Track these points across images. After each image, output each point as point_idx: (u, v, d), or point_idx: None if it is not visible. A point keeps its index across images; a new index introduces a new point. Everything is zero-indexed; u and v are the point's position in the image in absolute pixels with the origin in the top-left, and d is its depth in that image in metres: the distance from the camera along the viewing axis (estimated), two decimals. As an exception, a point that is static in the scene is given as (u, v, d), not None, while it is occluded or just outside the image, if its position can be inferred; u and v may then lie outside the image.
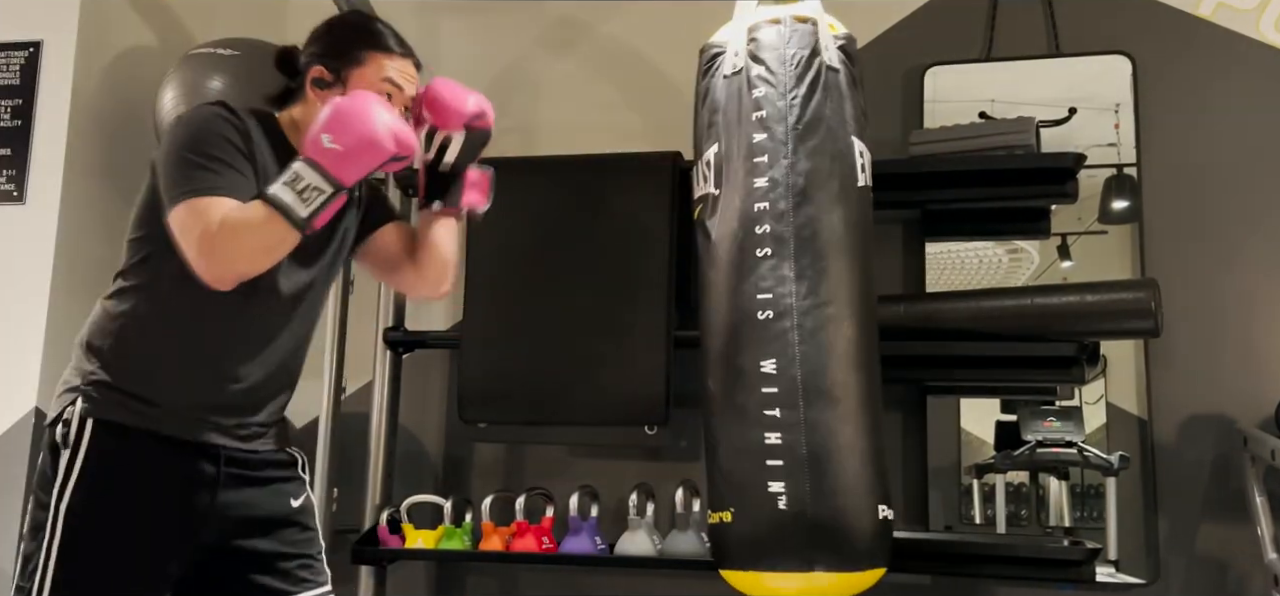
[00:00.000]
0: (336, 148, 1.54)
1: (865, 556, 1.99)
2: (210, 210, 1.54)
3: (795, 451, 1.96)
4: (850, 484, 1.97)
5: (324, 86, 1.72)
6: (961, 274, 2.74)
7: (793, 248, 2.03)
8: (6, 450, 2.56)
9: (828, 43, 2.13)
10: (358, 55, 1.72)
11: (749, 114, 2.10)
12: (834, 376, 2.00)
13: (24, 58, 2.76)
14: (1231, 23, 2.69)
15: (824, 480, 1.96)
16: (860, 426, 2.01)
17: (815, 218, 2.05)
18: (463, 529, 2.66)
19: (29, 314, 2.62)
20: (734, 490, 2.04)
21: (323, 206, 1.54)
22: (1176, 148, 2.66)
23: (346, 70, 1.71)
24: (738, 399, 2.04)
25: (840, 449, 1.98)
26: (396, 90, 1.73)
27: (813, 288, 2.02)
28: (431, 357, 2.96)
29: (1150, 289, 2.31)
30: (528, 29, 3.12)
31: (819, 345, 2.00)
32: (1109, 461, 2.51)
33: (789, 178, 2.05)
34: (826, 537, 1.95)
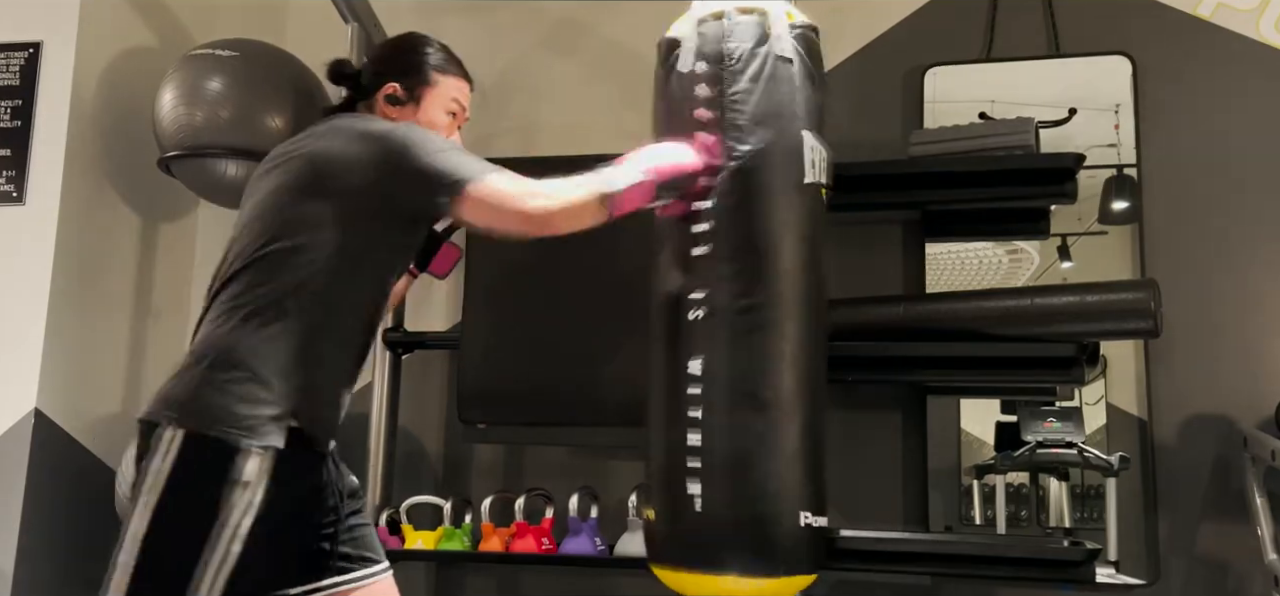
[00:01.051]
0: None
1: (783, 562, 1.94)
2: (507, 178, 1.67)
3: (713, 454, 1.93)
4: (771, 489, 1.93)
5: (398, 103, 1.83)
6: (961, 274, 2.74)
7: (729, 246, 1.98)
8: (6, 450, 2.56)
9: (780, 33, 2.06)
10: (430, 75, 1.85)
11: (695, 108, 2.05)
12: (765, 379, 1.95)
13: (24, 58, 2.76)
14: (1231, 23, 2.69)
15: (742, 484, 1.92)
16: (790, 431, 1.96)
17: (754, 216, 1.99)
18: (462, 529, 2.66)
19: (29, 314, 2.62)
20: (657, 489, 2.03)
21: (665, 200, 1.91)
22: (1176, 148, 2.66)
23: (420, 89, 1.84)
24: (666, 398, 2.02)
25: (764, 453, 1.93)
26: (460, 110, 1.89)
27: (747, 288, 1.97)
28: (431, 358, 2.96)
29: (1150, 289, 2.31)
30: (528, 29, 3.12)
31: (751, 347, 1.95)
32: (1109, 462, 2.51)
33: (729, 175, 1.99)
34: (742, 542, 1.92)
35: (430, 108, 1.84)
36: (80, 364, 2.71)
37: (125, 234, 2.90)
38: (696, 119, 2.03)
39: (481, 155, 1.84)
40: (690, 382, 1.97)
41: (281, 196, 1.63)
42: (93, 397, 2.76)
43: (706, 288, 1.98)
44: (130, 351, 2.90)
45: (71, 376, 2.68)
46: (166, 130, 2.66)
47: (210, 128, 2.61)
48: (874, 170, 2.63)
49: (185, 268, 3.12)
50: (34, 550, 2.54)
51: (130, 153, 2.87)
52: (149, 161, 2.78)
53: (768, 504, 1.93)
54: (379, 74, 1.84)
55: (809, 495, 1.97)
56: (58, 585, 2.61)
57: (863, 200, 2.66)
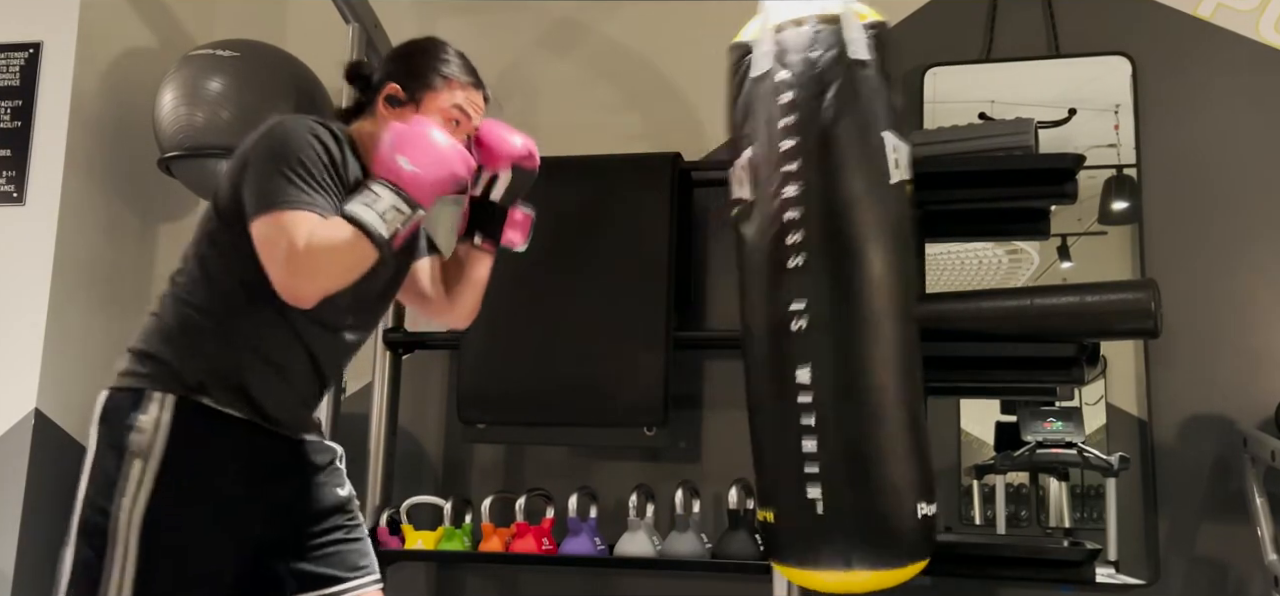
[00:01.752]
0: (414, 170, 1.58)
1: (904, 552, 2.05)
2: (297, 225, 1.53)
3: (832, 455, 2.01)
4: (887, 484, 2.02)
5: (396, 105, 1.75)
6: (961, 275, 2.74)
7: (825, 255, 2.04)
8: (6, 450, 2.56)
9: (855, 36, 2.11)
10: (432, 79, 1.76)
11: (778, 119, 2.09)
12: (869, 380, 2.02)
13: (24, 59, 2.76)
14: (1231, 23, 2.70)
15: (860, 482, 2.01)
16: (897, 426, 2.04)
17: (847, 223, 2.05)
18: (462, 530, 2.66)
19: (29, 314, 2.62)
20: (776, 492, 2.12)
21: (403, 227, 1.58)
22: (1176, 148, 2.66)
23: (421, 93, 1.75)
24: (776, 404, 2.08)
25: (877, 451, 2.02)
26: (465, 118, 1.78)
27: (846, 294, 2.03)
28: (431, 359, 2.96)
29: (1150, 289, 2.31)
30: (528, 30, 3.12)
31: (854, 351, 2.03)
32: (1109, 462, 2.51)
33: (820, 183, 2.05)
34: (864, 537, 2.02)
35: (430, 112, 1.76)
36: (80, 364, 2.71)
37: (125, 234, 2.90)
38: (781, 128, 2.06)
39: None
40: (800, 390, 2.03)
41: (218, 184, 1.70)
42: (93, 398, 2.75)
43: (805, 297, 2.04)
44: (130, 351, 2.90)
45: (71, 376, 2.68)
46: (167, 130, 2.66)
47: (210, 128, 2.61)
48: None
49: (185, 268, 3.12)
50: (34, 550, 2.54)
51: (130, 153, 2.87)
52: (149, 161, 2.78)
53: (887, 499, 2.02)
54: (384, 75, 1.80)
55: (921, 485, 2.06)
56: (58, 585, 2.61)
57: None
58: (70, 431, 2.66)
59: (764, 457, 2.15)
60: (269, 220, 1.54)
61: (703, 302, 2.83)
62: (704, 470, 2.73)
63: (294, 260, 1.52)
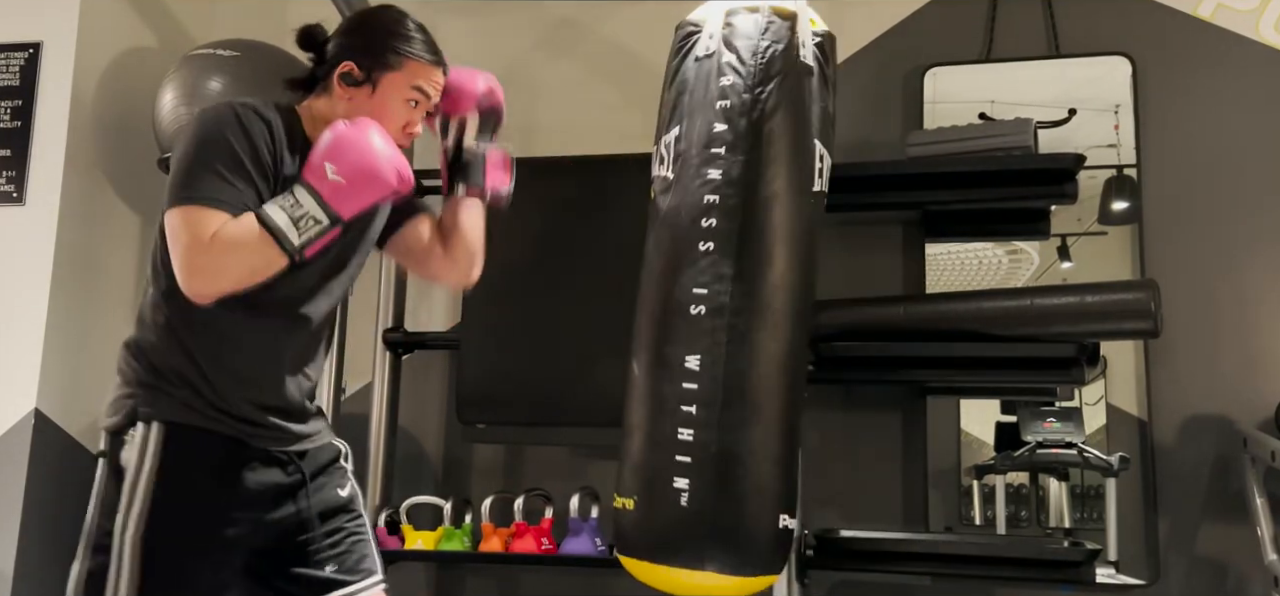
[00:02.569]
0: (339, 180, 1.52)
1: (760, 562, 1.97)
2: (204, 222, 1.49)
3: (706, 450, 1.94)
4: (756, 489, 1.95)
5: (353, 84, 1.67)
6: (961, 275, 2.74)
7: (736, 245, 1.98)
8: (6, 450, 2.56)
9: (805, 39, 2.07)
10: (391, 59, 1.68)
11: (713, 102, 2.04)
12: (758, 381, 1.96)
13: (24, 59, 2.76)
14: (1231, 24, 2.70)
15: (730, 482, 1.94)
16: (776, 433, 1.98)
17: (765, 218, 2.00)
18: (462, 530, 2.66)
19: (29, 314, 2.62)
20: (641, 479, 2.03)
21: (317, 238, 1.52)
22: (1176, 148, 2.66)
23: (378, 73, 1.67)
24: (659, 388, 2.01)
25: (752, 454, 1.95)
26: (424, 98, 1.71)
27: (750, 289, 1.98)
28: (431, 359, 2.96)
29: (1150, 290, 2.31)
30: (527, 30, 3.12)
31: (748, 348, 1.96)
32: (1109, 462, 2.51)
33: (744, 174, 2.00)
34: (724, 539, 1.93)
35: (387, 93, 1.67)
36: (80, 364, 2.71)
37: (125, 234, 2.90)
38: (717, 110, 2.01)
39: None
40: (686, 377, 1.97)
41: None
42: (93, 398, 2.75)
43: (708, 284, 1.98)
44: (130, 351, 2.90)
45: (71, 376, 2.67)
46: (166, 130, 2.66)
47: (210, 128, 2.60)
48: (874, 171, 2.63)
49: (185, 268, 3.12)
50: (34, 550, 2.54)
51: (130, 153, 2.87)
52: (149, 161, 2.78)
53: (753, 503, 1.95)
54: (340, 49, 1.70)
55: (786, 497, 2.00)
56: (57, 585, 2.60)
57: (863, 200, 2.67)
58: (70, 431, 2.66)
59: (633, 441, 2.05)
60: (177, 213, 1.51)
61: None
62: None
63: (193, 256, 1.49)
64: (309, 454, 1.72)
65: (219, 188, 1.51)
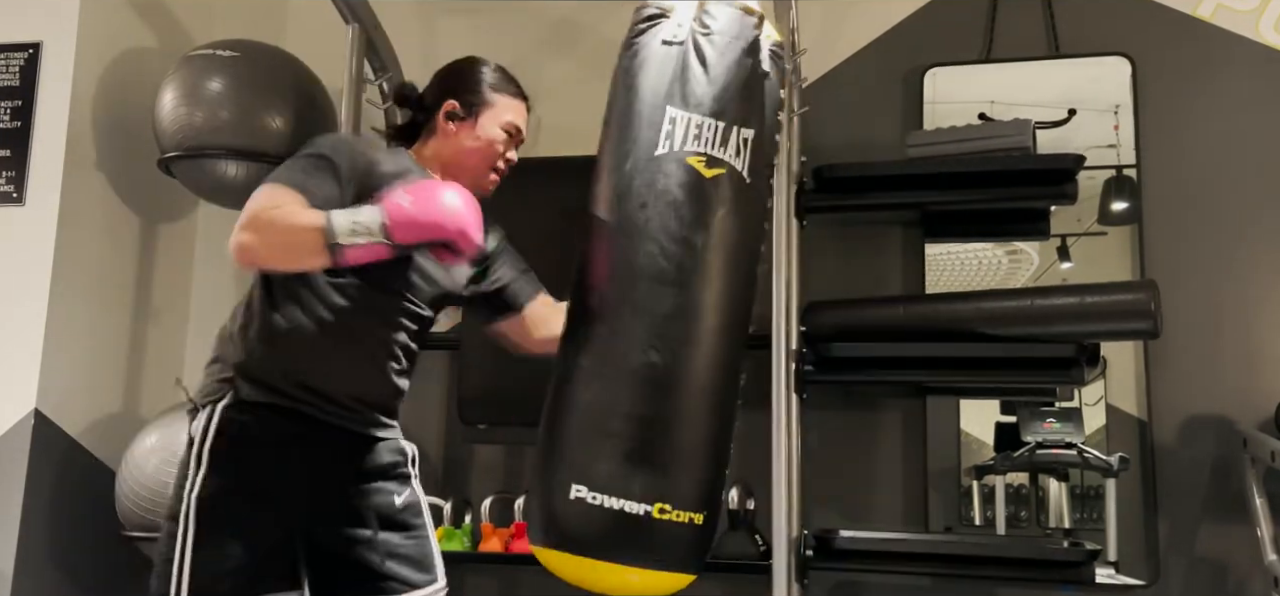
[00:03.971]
0: (405, 207, 1.62)
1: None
2: (278, 195, 1.62)
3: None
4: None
5: (457, 119, 1.90)
6: (961, 275, 2.74)
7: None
8: (6, 450, 2.56)
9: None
10: (488, 96, 1.92)
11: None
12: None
13: (24, 59, 2.76)
14: (1231, 24, 2.70)
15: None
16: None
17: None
18: (462, 530, 2.66)
19: (29, 314, 2.62)
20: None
21: (362, 246, 1.60)
22: (1176, 149, 2.66)
23: (478, 107, 1.90)
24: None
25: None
26: (517, 133, 1.96)
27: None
28: (431, 359, 2.95)
29: (1150, 290, 2.31)
30: (527, 30, 3.12)
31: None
32: (1108, 463, 2.51)
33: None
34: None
35: (487, 125, 1.91)
36: (80, 364, 2.71)
37: (125, 234, 2.90)
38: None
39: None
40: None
41: None
42: (93, 398, 2.76)
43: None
44: (130, 351, 2.90)
45: (71, 376, 2.68)
46: (166, 131, 2.66)
47: (210, 128, 2.61)
48: (873, 171, 2.63)
49: (185, 268, 3.12)
50: (34, 550, 2.54)
51: (130, 153, 2.87)
52: (149, 162, 2.78)
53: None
54: (440, 93, 1.91)
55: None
56: (57, 585, 2.61)
57: (862, 201, 2.67)
58: (70, 431, 2.66)
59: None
60: (263, 188, 1.65)
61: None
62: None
63: (250, 218, 1.60)
64: (377, 445, 1.82)
65: (304, 179, 1.66)
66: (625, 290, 1.80)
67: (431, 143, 1.92)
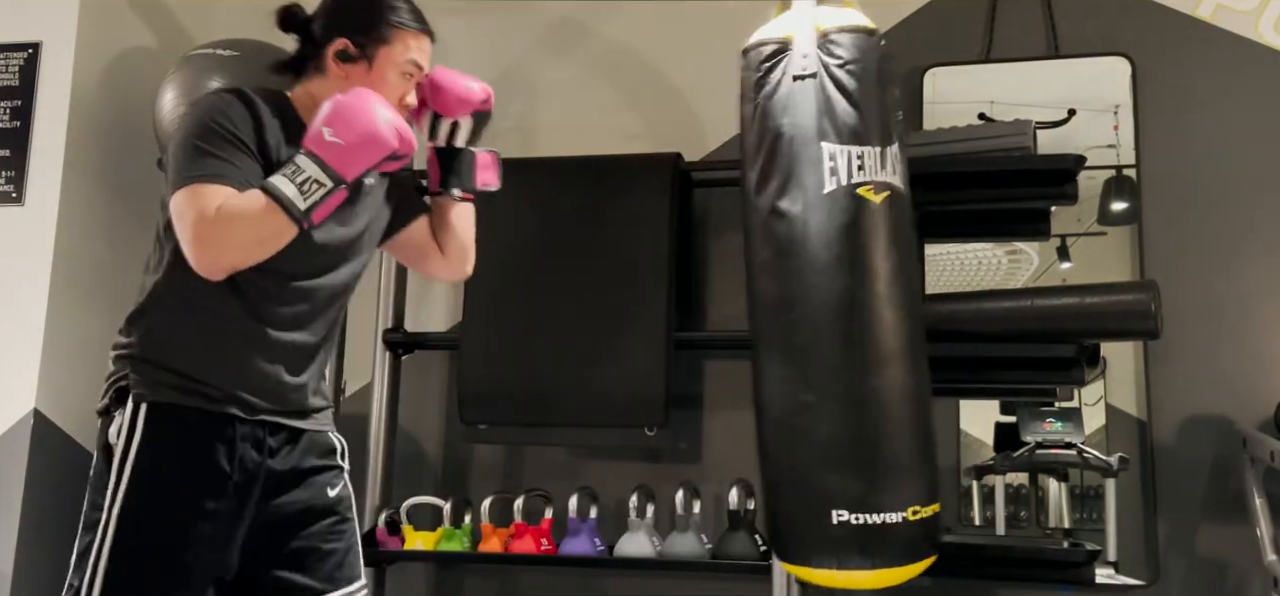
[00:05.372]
0: (338, 142, 1.53)
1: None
2: (208, 196, 1.52)
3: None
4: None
5: (348, 61, 1.69)
6: (961, 275, 2.74)
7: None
8: (5, 450, 2.56)
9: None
10: (384, 32, 1.70)
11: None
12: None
13: (23, 59, 2.76)
14: (1230, 24, 2.70)
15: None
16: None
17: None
18: (462, 530, 2.66)
19: (28, 315, 2.62)
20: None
21: (322, 200, 1.53)
22: (1176, 149, 2.66)
23: (373, 47, 1.69)
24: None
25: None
26: (417, 70, 1.73)
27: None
28: (431, 359, 2.96)
29: (1149, 290, 2.31)
30: (528, 30, 3.12)
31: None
32: (1108, 463, 2.51)
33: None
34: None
35: (384, 67, 1.70)
36: (80, 364, 2.71)
37: (124, 234, 2.90)
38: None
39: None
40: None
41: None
42: (92, 398, 2.74)
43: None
44: (130, 352, 2.90)
45: (71, 376, 2.67)
46: (166, 130, 2.66)
47: (210, 128, 2.60)
48: (873, 171, 2.63)
49: (185, 268, 3.12)
50: (33, 550, 2.54)
51: (130, 153, 2.87)
52: (149, 161, 2.77)
53: None
54: (329, 27, 1.71)
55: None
56: (56, 585, 2.61)
57: (862, 201, 2.67)
58: (69, 431, 2.66)
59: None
60: (181, 194, 1.53)
61: (703, 303, 2.83)
62: (704, 470, 2.73)
63: (202, 230, 1.51)
64: (306, 438, 1.71)
65: (219, 165, 1.54)
66: (833, 325, 2.00)
67: (316, 81, 1.71)
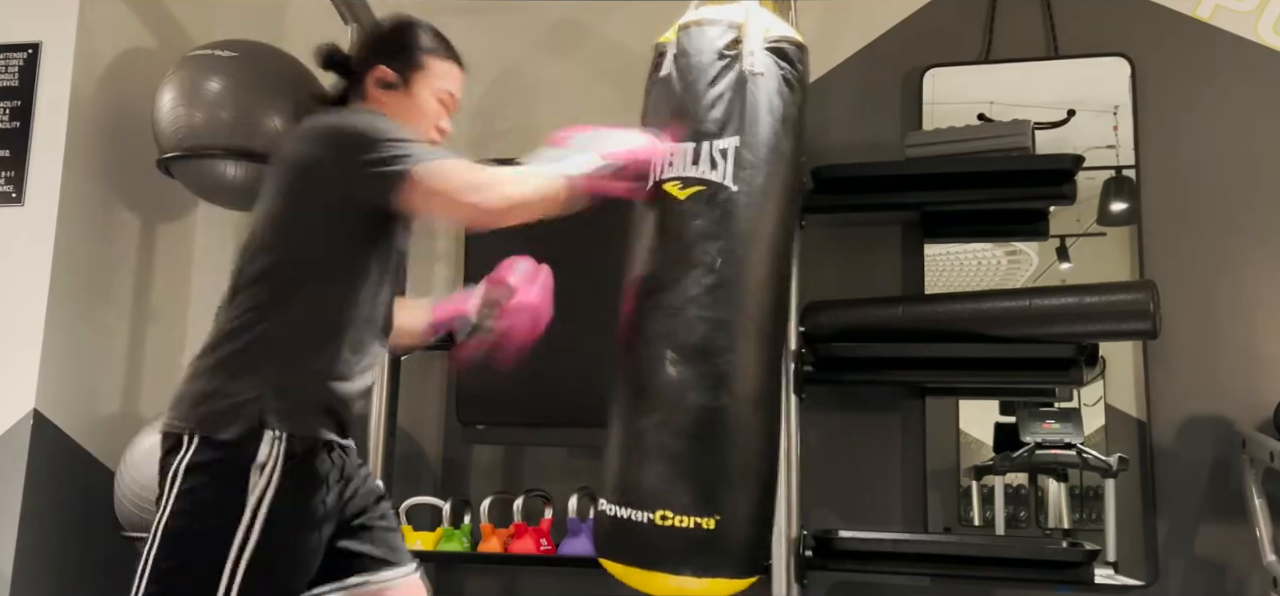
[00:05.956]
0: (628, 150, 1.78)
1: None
2: (457, 163, 1.64)
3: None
4: None
5: (388, 87, 1.79)
6: (960, 276, 2.74)
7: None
8: (5, 450, 2.56)
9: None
10: (419, 59, 1.81)
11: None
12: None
13: (23, 59, 2.76)
14: (1230, 25, 2.70)
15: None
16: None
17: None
18: (461, 530, 2.66)
19: (28, 315, 2.62)
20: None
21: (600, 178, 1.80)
22: (1175, 149, 2.66)
23: (409, 73, 1.79)
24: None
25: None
26: (452, 99, 1.85)
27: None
28: (430, 359, 2.96)
29: (1149, 291, 2.31)
30: (528, 30, 3.12)
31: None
32: (1108, 463, 2.51)
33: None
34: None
35: (420, 92, 1.80)
36: (79, 364, 2.71)
37: (125, 234, 2.90)
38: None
39: (481, 156, 1.85)
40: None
41: (268, 205, 1.66)
42: (91, 398, 2.76)
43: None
44: (129, 352, 2.90)
45: (70, 377, 2.68)
46: (166, 131, 2.66)
47: (210, 129, 2.61)
48: (873, 171, 2.64)
49: (184, 268, 3.12)
50: (32, 550, 2.54)
51: (130, 153, 2.87)
52: (149, 162, 2.78)
53: None
54: (368, 58, 1.81)
55: None
56: (56, 585, 2.61)
57: (861, 201, 2.67)
58: (68, 432, 2.66)
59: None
60: (431, 167, 1.60)
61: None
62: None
63: (487, 187, 1.65)
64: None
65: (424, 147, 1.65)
66: (650, 325, 2.07)
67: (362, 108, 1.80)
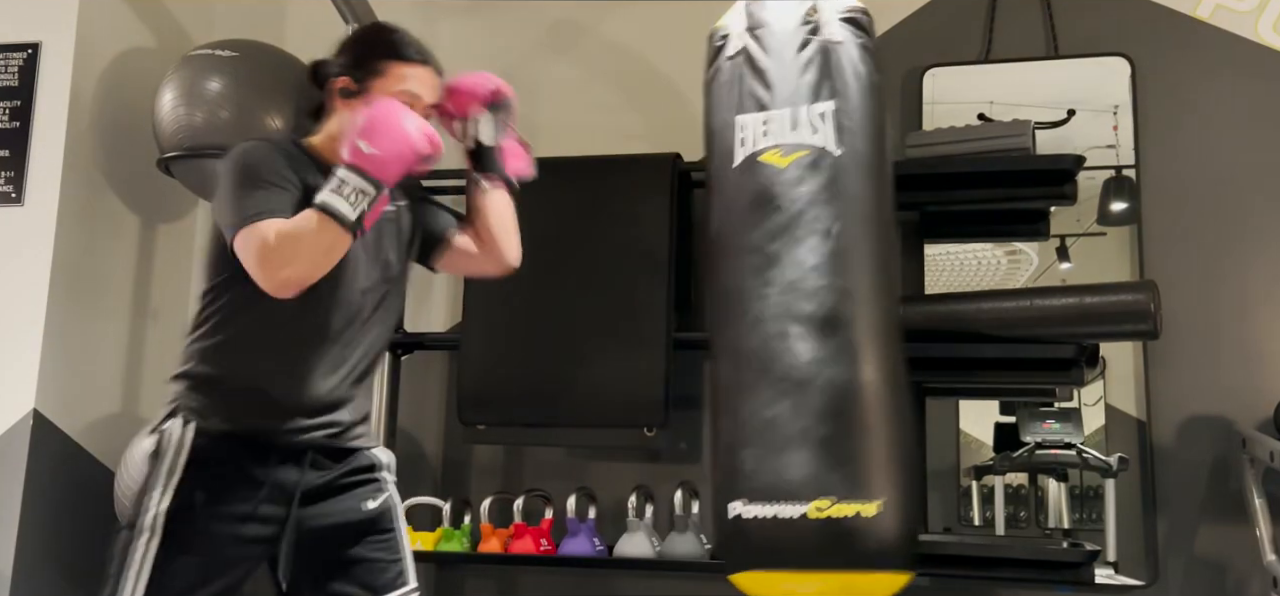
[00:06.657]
0: (374, 152, 1.63)
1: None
2: (265, 228, 1.63)
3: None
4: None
5: (349, 96, 1.80)
6: (960, 275, 2.74)
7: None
8: (4, 450, 2.56)
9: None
10: (378, 66, 1.80)
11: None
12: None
13: (22, 59, 2.76)
14: (1230, 24, 2.70)
15: None
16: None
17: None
18: (461, 530, 2.66)
19: (27, 315, 2.61)
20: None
21: (369, 206, 1.63)
22: (1175, 149, 2.66)
23: (368, 81, 1.79)
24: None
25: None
26: (416, 99, 1.80)
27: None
28: (430, 359, 2.96)
29: (1149, 291, 2.31)
30: (528, 30, 3.12)
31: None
32: (1108, 463, 2.51)
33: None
34: None
35: (377, 99, 1.77)
36: (79, 364, 2.71)
37: (124, 234, 2.90)
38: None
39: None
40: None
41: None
42: (91, 398, 2.76)
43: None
44: (128, 352, 2.90)
45: (70, 377, 2.67)
46: (166, 131, 2.66)
47: (210, 128, 2.61)
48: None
49: (184, 268, 3.11)
50: (32, 551, 2.53)
51: (130, 153, 2.87)
52: (148, 162, 2.77)
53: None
54: (333, 69, 1.84)
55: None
56: (56, 586, 2.61)
57: (862, 201, 2.67)
58: (68, 432, 2.66)
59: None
60: (243, 234, 1.65)
61: (702, 303, 2.83)
62: (704, 471, 2.73)
63: (266, 255, 1.62)
64: (349, 458, 1.82)
65: (267, 201, 1.66)
66: (765, 303, 2.01)
67: (331, 121, 1.84)
